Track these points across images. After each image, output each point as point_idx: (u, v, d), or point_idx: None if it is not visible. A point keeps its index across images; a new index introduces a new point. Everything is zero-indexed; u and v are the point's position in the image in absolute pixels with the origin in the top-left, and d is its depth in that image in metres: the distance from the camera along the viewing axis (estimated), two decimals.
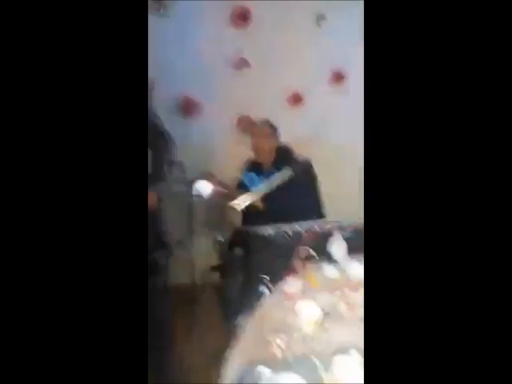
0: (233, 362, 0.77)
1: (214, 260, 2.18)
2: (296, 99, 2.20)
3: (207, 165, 2.05)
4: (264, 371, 0.71)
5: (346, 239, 1.38)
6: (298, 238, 1.44)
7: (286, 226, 1.66)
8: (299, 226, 1.65)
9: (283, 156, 1.93)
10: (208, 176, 1.75)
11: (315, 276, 1.16)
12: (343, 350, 0.76)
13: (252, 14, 2.01)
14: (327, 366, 0.71)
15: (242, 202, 1.56)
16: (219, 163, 2.12)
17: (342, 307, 0.98)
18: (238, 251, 1.50)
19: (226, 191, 1.79)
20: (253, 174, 1.91)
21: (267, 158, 1.88)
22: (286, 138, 2.08)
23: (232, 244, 1.59)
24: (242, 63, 2.04)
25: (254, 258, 1.38)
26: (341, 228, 1.62)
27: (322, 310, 0.93)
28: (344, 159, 2.34)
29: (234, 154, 2.15)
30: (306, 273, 1.18)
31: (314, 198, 1.96)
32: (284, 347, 0.80)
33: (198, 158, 2.03)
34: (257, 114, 2.12)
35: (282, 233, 1.59)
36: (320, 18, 2.17)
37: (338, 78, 2.25)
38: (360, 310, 0.96)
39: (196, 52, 1.97)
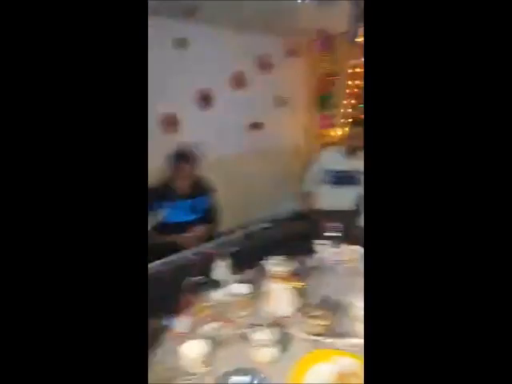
0: None
1: None
2: (170, 122, 2.22)
3: None
4: None
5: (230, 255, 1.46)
6: (185, 267, 1.47)
7: (174, 255, 1.68)
8: (189, 253, 1.69)
9: (198, 185, 1.96)
10: None
11: (202, 304, 1.22)
12: (232, 377, 0.85)
13: None
14: None
15: None
16: None
17: (228, 331, 1.08)
18: None
19: None
20: (165, 205, 1.87)
21: (187, 186, 1.89)
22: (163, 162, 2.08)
23: None
24: None
25: None
26: (224, 246, 1.73)
27: (211, 339, 1.00)
28: (223, 174, 2.50)
29: None
30: (194, 305, 1.23)
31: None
32: None
33: None
34: None
35: (170, 264, 1.59)
36: (181, 43, 2.23)
37: (206, 99, 2.37)
38: (244, 330, 1.07)
39: None
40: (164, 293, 1.33)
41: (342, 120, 2.68)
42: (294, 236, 1.72)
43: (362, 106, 2.41)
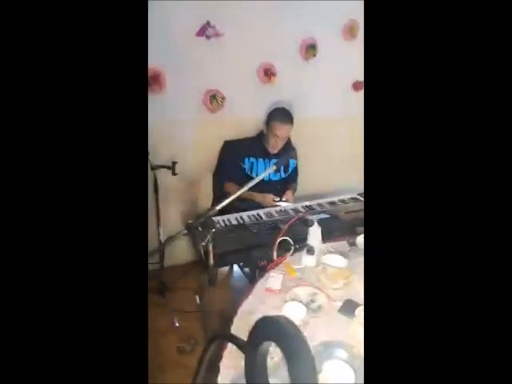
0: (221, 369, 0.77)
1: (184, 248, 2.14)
2: (267, 72, 2.09)
3: (172, 147, 1.91)
4: None
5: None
6: (274, 225, 1.44)
7: (260, 210, 1.66)
8: (273, 210, 1.66)
9: (286, 144, 1.89)
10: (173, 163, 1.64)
11: (293, 267, 1.18)
12: (330, 350, 0.80)
13: None
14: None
15: None
16: (186, 145, 1.99)
17: (322, 300, 1.02)
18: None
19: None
20: (253, 160, 1.86)
21: (280, 145, 1.84)
22: (257, 112, 2.01)
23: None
24: (211, 32, 1.85)
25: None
26: (310, 209, 1.67)
27: (305, 305, 0.95)
28: (322, 133, 2.34)
29: (204, 133, 2.03)
30: (284, 264, 1.19)
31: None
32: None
33: (162, 139, 1.88)
34: (226, 87, 1.99)
35: (256, 218, 1.58)
36: None
37: (310, 49, 2.15)
38: (338, 303, 1.01)
39: (162, 20, 1.74)
40: (257, 246, 1.33)
41: None
42: None
43: None
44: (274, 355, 0.73)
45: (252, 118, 2.05)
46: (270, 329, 0.50)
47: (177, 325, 1.76)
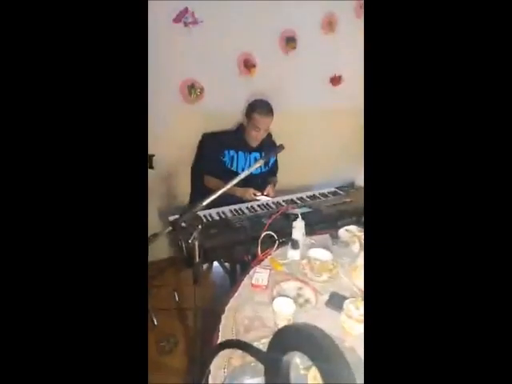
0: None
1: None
2: (247, 63, 2.04)
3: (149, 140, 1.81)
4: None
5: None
6: (257, 220, 1.42)
7: (243, 204, 1.64)
8: (255, 205, 1.64)
9: (266, 138, 1.85)
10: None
11: (279, 261, 1.17)
12: None
13: None
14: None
15: None
16: (163, 137, 1.91)
17: (309, 294, 1.02)
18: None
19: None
20: (233, 153, 1.80)
21: (260, 138, 1.79)
22: (236, 104, 1.96)
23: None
24: (189, 19, 1.77)
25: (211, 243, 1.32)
26: (292, 203, 1.67)
27: (292, 299, 0.95)
28: (300, 127, 2.33)
29: (181, 125, 1.96)
30: (270, 259, 1.18)
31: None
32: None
33: None
34: (204, 77, 1.92)
35: (238, 212, 1.55)
36: None
37: (290, 42, 2.13)
38: (325, 296, 1.02)
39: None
40: (241, 241, 1.30)
41: None
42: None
43: None
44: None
45: (231, 110, 2.00)
46: (297, 338, 0.48)
47: (155, 323, 1.70)
